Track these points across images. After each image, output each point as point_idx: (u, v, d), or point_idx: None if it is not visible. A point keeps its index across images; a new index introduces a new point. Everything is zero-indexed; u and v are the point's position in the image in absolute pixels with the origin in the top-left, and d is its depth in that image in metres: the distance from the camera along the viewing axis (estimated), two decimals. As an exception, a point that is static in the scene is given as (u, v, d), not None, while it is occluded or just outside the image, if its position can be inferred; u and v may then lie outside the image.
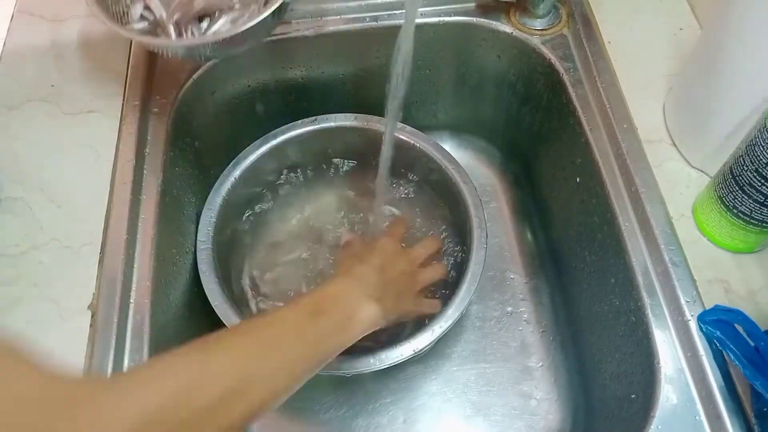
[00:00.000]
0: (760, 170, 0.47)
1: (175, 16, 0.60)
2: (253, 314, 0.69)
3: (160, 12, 0.60)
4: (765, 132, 0.46)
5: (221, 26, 0.60)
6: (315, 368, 0.48)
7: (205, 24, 0.62)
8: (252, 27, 0.55)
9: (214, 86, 0.71)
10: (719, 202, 0.52)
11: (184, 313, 0.61)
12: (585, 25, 0.69)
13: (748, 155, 0.48)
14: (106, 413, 0.33)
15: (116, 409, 0.34)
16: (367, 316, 0.53)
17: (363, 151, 0.76)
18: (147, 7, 0.60)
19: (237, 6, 0.61)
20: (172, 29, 0.60)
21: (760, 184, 0.48)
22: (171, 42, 0.60)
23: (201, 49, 0.59)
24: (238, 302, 0.68)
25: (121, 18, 0.60)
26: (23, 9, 0.72)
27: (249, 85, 0.74)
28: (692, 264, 0.54)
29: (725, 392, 0.48)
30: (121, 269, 0.55)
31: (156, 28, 0.61)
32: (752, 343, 0.46)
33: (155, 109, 0.65)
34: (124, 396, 0.35)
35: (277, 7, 0.57)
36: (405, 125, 0.72)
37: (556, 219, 0.76)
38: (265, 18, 0.56)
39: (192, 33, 0.61)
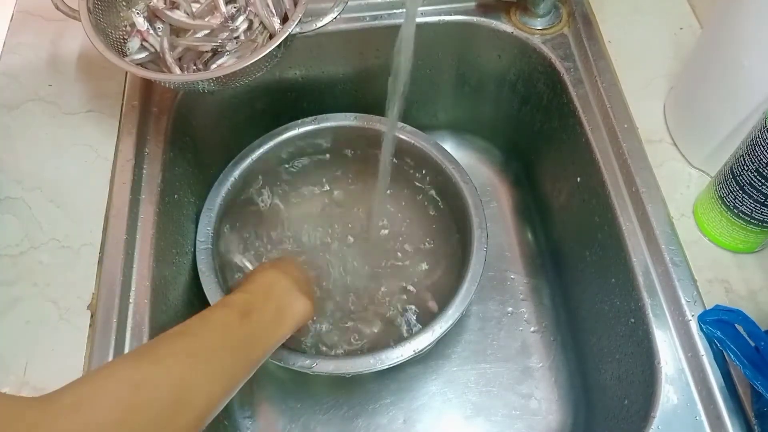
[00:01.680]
0: (761, 170, 0.47)
1: (177, 51, 0.58)
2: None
3: (159, 45, 0.58)
4: (765, 132, 0.45)
5: (226, 61, 0.59)
6: (248, 371, 0.47)
7: (208, 55, 0.60)
8: (256, 61, 0.55)
9: (214, 86, 0.71)
10: (720, 201, 0.52)
11: (184, 313, 0.61)
12: (585, 24, 0.69)
13: (748, 155, 0.48)
14: None
15: None
16: (299, 311, 0.52)
17: (363, 151, 0.75)
18: (145, 40, 0.59)
19: (242, 39, 0.60)
20: (172, 62, 0.58)
21: (760, 184, 0.48)
22: (171, 77, 0.58)
23: (203, 83, 0.57)
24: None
25: (120, 47, 0.59)
26: (23, 9, 0.72)
27: (249, 85, 0.73)
28: (693, 264, 0.54)
29: (725, 392, 0.48)
30: (120, 269, 0.55)
31: (157, 58, 0.59)
32: (752, 343, 0.46)
33: (155, 109, 0.65)
34: (60, 419, 0.33)
35: (283, 40, 0.56)
36: (405, 125, 0.72)
37: (556, 219, 0.76)
38: (270, 51, 0.55)
39: (195, 66, 0.59)
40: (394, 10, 0.71)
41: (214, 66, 0.58)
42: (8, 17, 0.71)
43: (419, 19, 0.71)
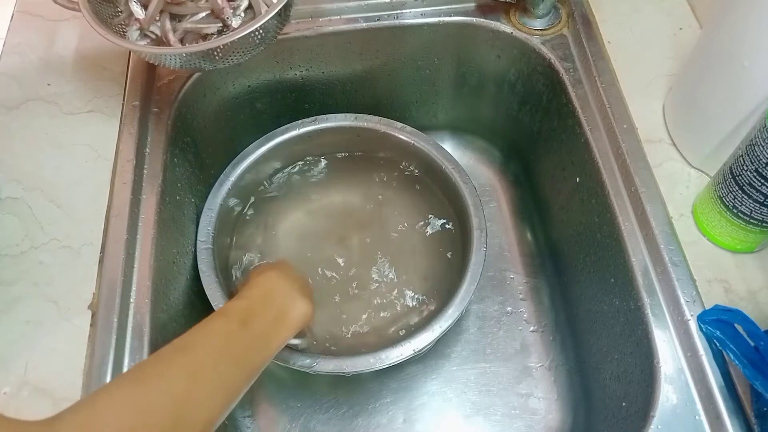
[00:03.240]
0: (760, 170, 0.47)
1: (178, 33, 0.58)
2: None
3: (160, 28, 0.58)
4: (765, 132, 0.46)
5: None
6: (253, 377, 0.46)
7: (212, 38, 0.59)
8: (256, 32, 0.55)
9: (215, 86, 0.71)
10: (719, 201, 0.52)
11: (184, 313, 0.61)
12: (585, 25, 0.69)
13: (748, 155, 0.48)
14: None
15: None
16: (299, 315, 0.51)
17: (363, 151, 0.76)
18: (144, 28, 0.58)
19: (244, 18, 0.59)
20: (175, 41, 0.58)
21: (759, 184, 0.48)
22: (171, 49, 0.57)
23: (204, 59, 0.56)
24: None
25: (120, 31, 0.59)
26: (23, 9, 0.72)
27: (249, 85, 0.74)
28: (692, 264, 0.54)
29: (725, 392, 0.48)
30: (121, 269, 0.55)
31: (160, 43, 0.59)
32: (752, 343, 0.46)
33: (155, 109, 0.65)
34: None
35: (282, 8, 0.56)
36: (405, 125, 0.72)
37: (555, 219, 0.77)
38: (269, 22, 0.55)
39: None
40: (394, 11, 0.71)
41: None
42: (8, 17, 0.71)
43: (419, 20, 0.71)
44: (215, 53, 0.56)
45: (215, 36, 0.58)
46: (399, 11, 0.71)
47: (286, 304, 0.51)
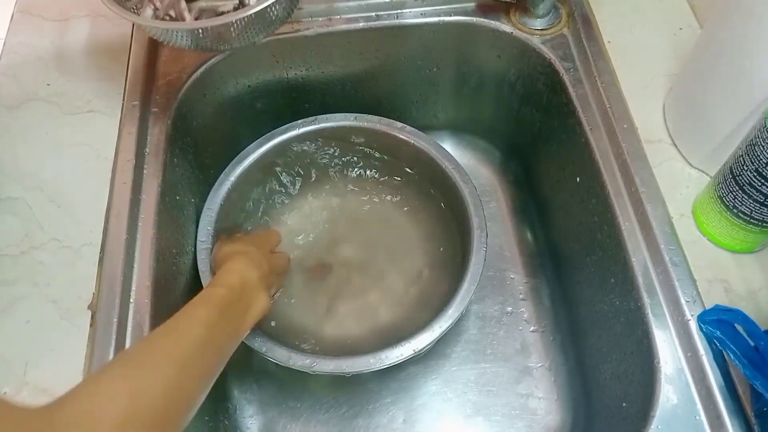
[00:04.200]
0: (760, 170, 0.47)
1: (194, 13, 0.58)
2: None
3: (176, 8, 0.57)
4: (765, 132, 0.46)
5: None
6: (223, 364, 0.49)
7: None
8: (269, 10, 0.55)
9: (215, 86, 0.71)
10: (719, 201, 0.52)
11: (184, 313, 0.61)
12: (585, 24, 0.69)
13: (748, 155, 0.48)
14: None
15: None
16: (262, 306, 0.55)
17: (363, 151, 0.76)
18: (158, 9, 0.58)
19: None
20: (191, 20, 0.57)
21: (760, 184, 0.48)
22: (186, 24, 0.56)
23: (219, 37, 0.55)
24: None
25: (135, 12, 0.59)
26: (23, 9, 0.72)
27: (249, 85, 0.74)
28: (692, 264, 0.54)
29: (725, 392, 0.48)
30: (121, 269, 0.55)
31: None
32: (752, 343, 0.46)
33: (155, 109, 0.65)
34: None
35: None
36: (405, 125, 0.72)
37: (556, 219, 0.77)
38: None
39: None
40: (394, 11, 0.71)
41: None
42: (8, 17, 0.71)
43: (419, 20, 0.71)
44: (231, 30, 0.55)
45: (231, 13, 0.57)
46: (399, 11, 0.71)
47: (252, 297, 0.54)
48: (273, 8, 0.56)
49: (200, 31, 0.56)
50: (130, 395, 0.38)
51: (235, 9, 0.58)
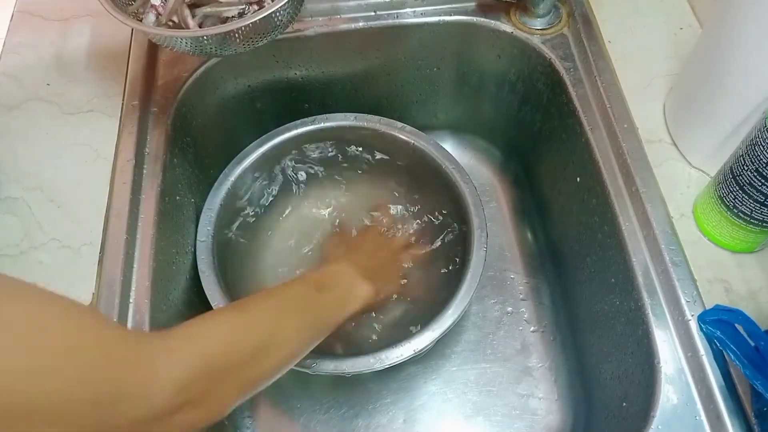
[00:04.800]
0: (761, 170, 0.47)
1: (197, 19, 0.57)
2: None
3: (179, 14, 0.57)
4: (765, 131, 0.45)
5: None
6: (320, 337, 0.53)
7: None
8: (274, 16, 0.55)
9: (214, 86, 0.71)
10: (719, 201, 0.52)
11: (184, 313, 0.61)
12: (585, 24, 0.69)
13: (748, 155, 0.48)
14: (157, 371, 0.36)
15: (166, 367, 0.37)
16: (363, 293, 0.60)
17: (362, 151, 0.76)
18: (160, 15, 0.58)
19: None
20: (194, 26, 0.57)
21: (760, 184, 0.48)
22: (191, 31, 0.56)
23: (223, 42, 0.55)
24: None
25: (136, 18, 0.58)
26: (23, 9, 0.72)
27: (249, 85, 0.74)
28: (692, 264, 0.54)
29: (725, 392, 0.48)
30: (121, 269, 0.55)
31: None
32: (752, 343, 0.46)
33: (155, 109, 0.65)
34: (174, 354, 0.39)
35: None
36: (405, 125, 0.72)
37: (556, 219, 0.76)
38: (286, 3, 0.55)
39: None
40: (394, 10, 0.71)
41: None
42: (8, 17, 0.71)
43: (419, 19, 0.71)
44: (235, 36, 0.55)
45: (236, 19, 0.57)
46: (399, 11, 0.71)
47: (352, 284, 0.60)
48: (278, 14, 0.56)
49: (204, 37, 0.56)
50: (232, 328, 0.45)
51: (240, 15, 0.57)
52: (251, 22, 0.54)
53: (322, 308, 0.55)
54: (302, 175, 0.77)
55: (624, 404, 0.57)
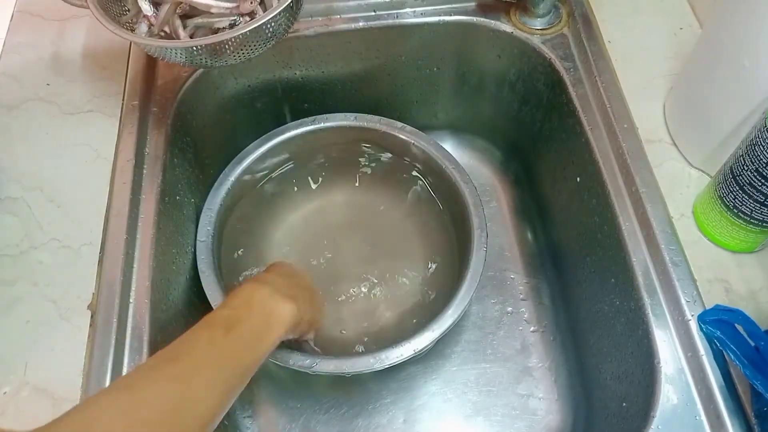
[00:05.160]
0: (761, 170, 0.47)
1: (188, 30, 0.57)
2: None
3: (170, 25, 0.57)
4: (765, 131, 0.45)
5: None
6: (243, 381, 0.47)
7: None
8: (268, 24, 0.54)
9: (214, 86, 0.71)
10: (719, 201, 0.52)
11: (184, 313, 0.61)
12: (585, 24, 0.69)
13: (748, 155, 0.48)
14: None
15: None
16: (285, 315, 0.51)
17: (362, 151, 0.76)
18: (152, 25, 0.58)
19: (259, 13, 0.58)
20: (185, 36, 0.57)
21: (760, 184, 0.48)
22: (182, 42, 0.56)
23: (214, 54, 0.55)
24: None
25: (129, 28, 0.59)
26: (23, 9, 0.72)
27: (249, 85, 0.74)
28: (692, 264, 0.54)
29: (725, 392, 0.48)
30: (120, 269, 0.55)
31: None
32: (752, 343, 0.46)
33: (155, 109, 0.65)
34: None
35: (294, 2, 0.55)
36: (405, 125, 0.72)
37: (556, 219, 0.76)
38: (278, 15, 0.55)
39: None
40: (394, 10, 0.71)
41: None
42: (8, 17, 0.71)
43: (419, 19, 0.71)
44: (226, 47, 0.55)
45: (227, 30, 0.57)
46: (399, 11, 0.71)
47: (269, 306, 0.51)
48: (269, 25, 0.56)
49: (195, 48, 0.55)
50: (128, 414, 0.37)
51: (231, 26, 0.57)
52: (241, 33, 0.54)
53: (234, 350, 0.47)
54: (302, 175, 0.77)
55: (624, 404, 0.57)
